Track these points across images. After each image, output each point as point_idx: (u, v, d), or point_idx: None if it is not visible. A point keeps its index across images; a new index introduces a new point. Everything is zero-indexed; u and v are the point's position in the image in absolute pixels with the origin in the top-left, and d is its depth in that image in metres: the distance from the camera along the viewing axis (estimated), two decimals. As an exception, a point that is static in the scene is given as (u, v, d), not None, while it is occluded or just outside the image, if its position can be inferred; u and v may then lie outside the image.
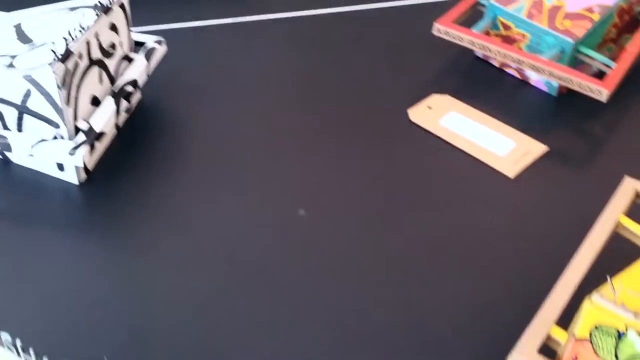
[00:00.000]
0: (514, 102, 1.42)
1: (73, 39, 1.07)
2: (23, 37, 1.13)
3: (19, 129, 1.11)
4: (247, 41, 1.58)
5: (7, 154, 1.14)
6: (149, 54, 1.28)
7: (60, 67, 1.03)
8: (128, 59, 1.27)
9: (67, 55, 1.05)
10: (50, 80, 1.02)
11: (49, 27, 1.15)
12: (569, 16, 1.39)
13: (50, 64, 1.02)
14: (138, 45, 1.32)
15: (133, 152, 1.26)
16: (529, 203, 1.20)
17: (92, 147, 1.09)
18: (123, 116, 1.27)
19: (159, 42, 1.32)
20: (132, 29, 1.29)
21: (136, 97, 1.32)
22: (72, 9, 1.20)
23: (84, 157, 1.06)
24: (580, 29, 1.37)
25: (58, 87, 1.03)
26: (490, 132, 1.33)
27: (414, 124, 1.36)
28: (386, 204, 1.18)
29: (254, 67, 1.50)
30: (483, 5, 1.50)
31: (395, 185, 1.22)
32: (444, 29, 1.42)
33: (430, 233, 1.13)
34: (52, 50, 1.03)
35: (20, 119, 1.09)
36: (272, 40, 1.59)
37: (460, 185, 1.22)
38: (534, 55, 1.36)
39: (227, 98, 1.41)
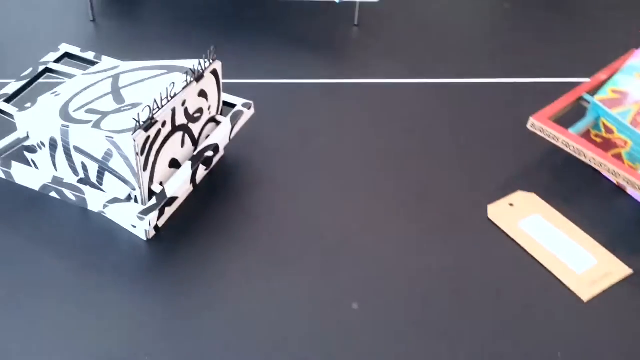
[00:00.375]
0: (605, 211, 1.33)
1: (159, 107, 1.10)
2: (117, 95, 1.18)
3: (100, 183, 1.15)
4: (337, 103, 1.58)
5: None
6: (235, 118, 1.30)
7: (141, 135, 1.06)
8: (215, 121, 1.30)
9: (149, 124, 1.08)
10: (130, 146, 1.06)
11: (141, 88, 1.19)
12: (678, 130, 1.30)
13: (132, 131, 1.06)
14: (227, 105, 1.34)
15: (206, 212, 1.28)
16: (599, 333, 1.12)
17: (161, 212, 1.12)
18: (202, 174, 1.30)
19: (248, 106, 1.34)
20: (227, 81, 1.31)
21: (218, 154, 1.35)
22: (168, 70, 1.24)
23: (151, 222, 1.09)
24: (689, 147, 1.27)
25: (137, 154, 1.06)
26: (572, 243, 1.26)
27: (491, 221, 1.30)
28: (449, 309, 1.13)
29: (339, 132, 1.49)
30: (587, 101, 1.43)
31: (459, 289, 1.17)
32: (539, 125, 1.36)
33: (489, 347, 1.08)
34: (135, 119, 1.06)
35: (101, 173, 1.14)
36: (361, 105, 1.58)
37: (527, 300, 1.16)
38: (632, 170, 1.27)
39: (306, 162, 1.41)
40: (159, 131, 1.11)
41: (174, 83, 1.14)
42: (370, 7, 1.80)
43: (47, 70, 1.38)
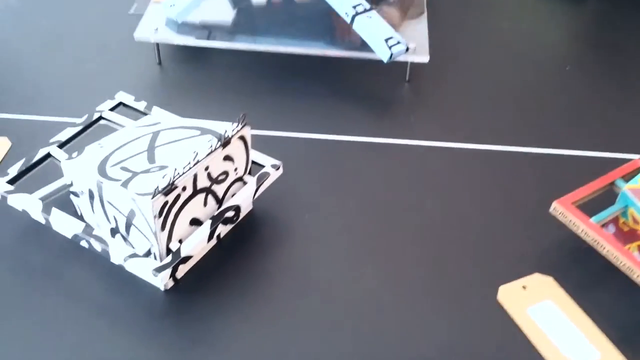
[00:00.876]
0: (620, 305, 1.31)
1: (181, 173, 1.20)
2: (150, 154, 1.28)
3: (127, 234, 1.26)
4: (374, 163, 1.62)
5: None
6: (261, 179, 1.37)
7: (159, 201, 1.16)
8: (242, 180, 1.38)
9: (169, 189, 1.17)
10: (149, 209, 1.15)
11: (173, 149, 1.29)
12: None
13: (152, 195, 1.15)
14: (257, 164, 1.42)
15: (226, 265, 1.36)
16: None
17: (175, 269, 1.21)
18: (227, 228, 1.38)
19: (276, 167, 1.41)
20: (267, 133, 1.37)
21: (245, 210, 1.43)
22: (202, 132, 1.34)
23: (163, 280, 1.18)
24: None
25: (155, 216, 1.16)
26: (578, 335, 1.25)
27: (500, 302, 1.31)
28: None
29: (369, 194, 1.53)
30: (619, 187, 1.41)
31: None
32: (560, 209, 1.36)
33: None
34: (156, 185, 1.16)
35: (128, 227, 1.25)
36: (397, 166, 1.61)
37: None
38: (648, 268, 1.25)
39: (333, 223, 1.46)
40: (178, 195, 1.20)
41: (197, 152, 1.22)
42: (423, 64, 1.82)
43: (101, 118, 1.51)
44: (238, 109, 1.73)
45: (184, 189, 1.21)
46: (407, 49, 1.74)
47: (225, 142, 1.28)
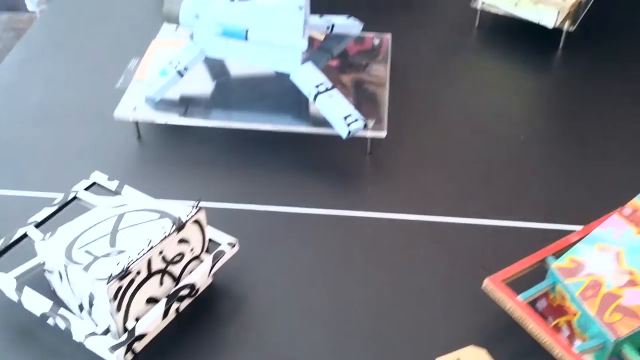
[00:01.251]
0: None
1: (134, 260, 1.32)
2: (112, 238, 1.42)
3: (90, 312, 1.38)
4: (329, 235, 1.74)
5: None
6: (216, 257, 1.50)
7: (114, 286, 1.29)
8: (198, 258, 1.50)
9: (123, 275, 1.30)
10: (104, 294, 1.28)
11: (133, 233, 1.42)
12: (620, 309, 1.36)
13: (106, 280, 1.28)
14: (214, 242, 1.55)
15: (185, 337, 1.48)
16: None
17: (129, 347, 1.33)
18: (185, 302, 1.50)
19: (232, 245, 1.53)
20: (228, 206, 1.49)
21: (205, 282, 1.55)
22: (161, 215, 1.47)
23: (118, 357, 1.30)
24: (626, 328, 1.33)
25: (109, 300, 1.28)
26: (503, 408, 1.35)
27: (435, 373, 1.41)
28: None
29: (323, 264, 1.65)
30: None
31: None
32: (491, 286, 1.46)
33: None
34: (111, 271, 1.29)
35: (90, 306, 1.37)
36: (351, 238, 1.73)
37: None
38: (567, 346, 1.35)
39: (287, 294, 1.57)
40: (133, 279, 1.33)
41: (150, 240, 1.35)
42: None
43: (76, 198, 1.64)
44: (208, 183, 1.88)
45: (138, 272, 1.34)
46: (366, 126, 1.87)
47: (180, 227, 1.41)
